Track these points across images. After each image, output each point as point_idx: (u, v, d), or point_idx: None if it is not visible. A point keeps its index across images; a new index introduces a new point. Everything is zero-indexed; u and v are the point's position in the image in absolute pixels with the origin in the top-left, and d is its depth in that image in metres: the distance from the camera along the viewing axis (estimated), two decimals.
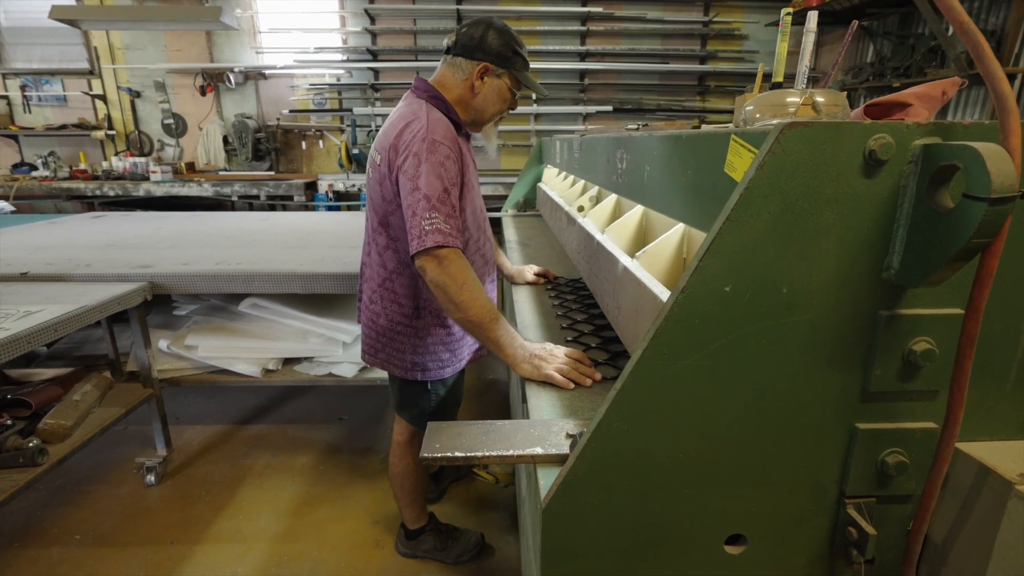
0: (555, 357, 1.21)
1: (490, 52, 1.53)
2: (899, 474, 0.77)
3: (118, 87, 6.25)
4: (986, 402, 0.77)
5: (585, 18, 5.91)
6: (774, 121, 0.77)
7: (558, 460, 0.90)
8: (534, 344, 1.28)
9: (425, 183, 1.37)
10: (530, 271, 1.93)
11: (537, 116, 6.13)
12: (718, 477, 0.79)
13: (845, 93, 0.83)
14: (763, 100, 0.78)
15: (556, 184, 3.08)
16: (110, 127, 6.34)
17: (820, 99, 0.76)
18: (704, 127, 1.10)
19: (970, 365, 0.66)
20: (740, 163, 0.79)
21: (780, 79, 0.91)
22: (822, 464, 0.79)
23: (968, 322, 0.65)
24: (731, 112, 6.05)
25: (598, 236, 1.69)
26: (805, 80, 0.90)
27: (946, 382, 0.71)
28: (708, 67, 6.01)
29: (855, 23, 0.92)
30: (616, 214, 1.87)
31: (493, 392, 3.40)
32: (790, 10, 0.89)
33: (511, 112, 1.68)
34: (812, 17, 0.87)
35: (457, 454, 0.93)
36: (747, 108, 0.80)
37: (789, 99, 0.77)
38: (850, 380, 0.75)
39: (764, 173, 0.66)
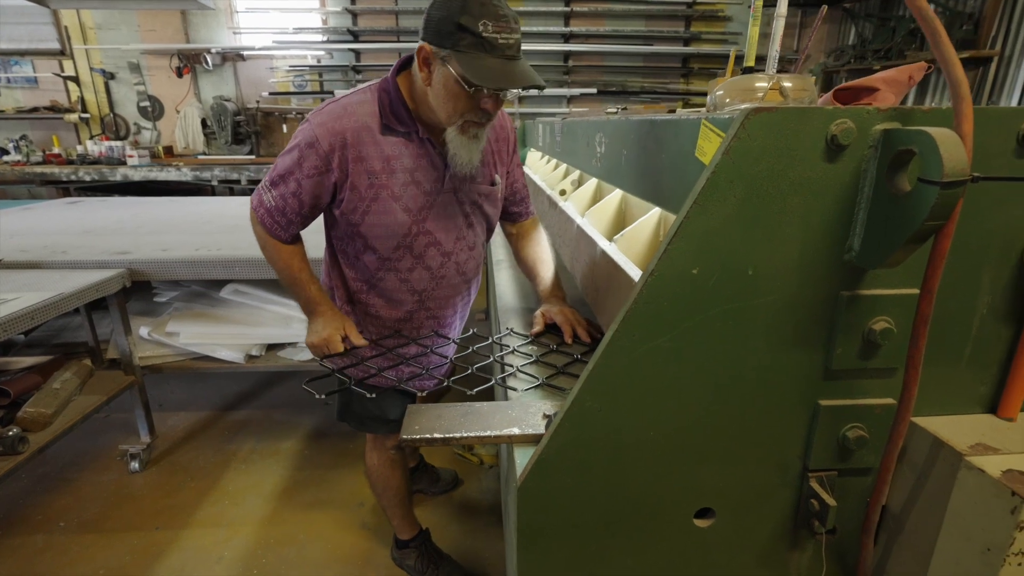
0: (330, 345, 1.35)
1: (429, 28, 1.15)
2: (859, 448, 0.80)
3: (91, 68, 6.08)
4: (942, 378, 0.80)
5: None
6: (743, 106, 0.78)
7: (534, 440, 0.92)
8: (331, 327, 1.38)
9: (280, 158, 1.33)
10: (546, 318, 1.42)
11: (521, 98, 6.08)
12: (687, 454, 0.82)
13: (814, 78, 0.84)
14: (732, 85, 0.80)
15: (539, 167, 3.08)
16: (84, 110, 6.18)
17: (787, 84, 0.77)
18: (681, 111, 1.11)
19: (924, 343, 0.69)
20: (710, 147, 0.81)
21: (752, 63, 0.93)
22: (786, 440, 0.82)
23: (922, 302, 0.67)
24: None
25: (578, 220, 1.71)
26: (775, 64, 0.91)
27: (904, 360, 0.74)
28: (692, 49, 6.00)
29: (824, 8, 0.93)
30: (597, 197, 1.88)
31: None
32: None
33: (486, 111, 1.22)
34: (782, 2, 0.88)
35: (436, 435, 0.94)
36: (717, 92, 0.82)
37: (757, 84, 0.78)
38: (813, 359, 0.78)
39: (730, 158, 0.67)
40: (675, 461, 0.82)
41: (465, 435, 0.94)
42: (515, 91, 1.16)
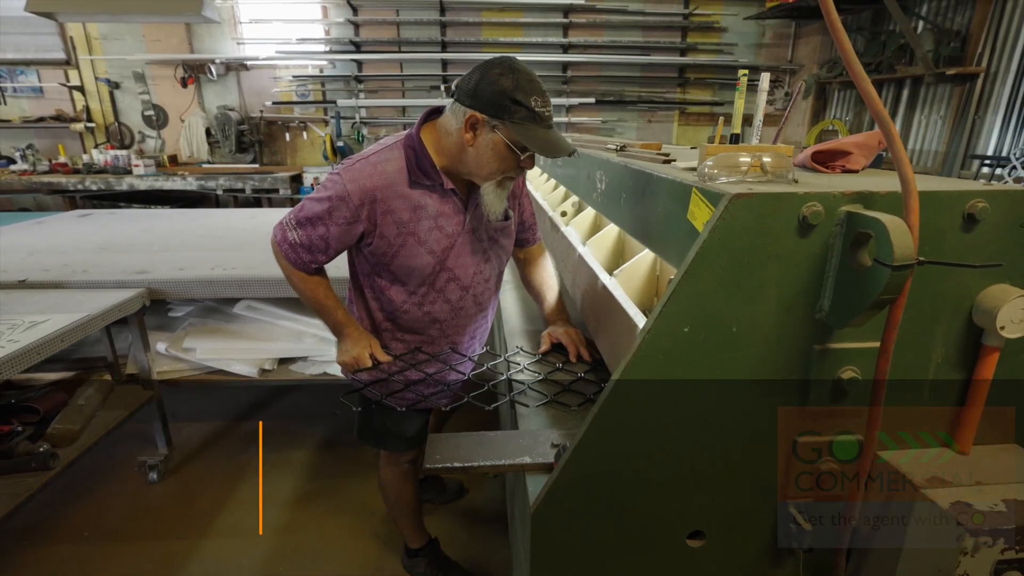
0: (359, 363, 1.48)
1: (481, 99, 1.27)
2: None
3: (96, 78, 6.16)
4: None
5: (567, 10, 5.96)
6: (732, 179, 0.89)
7: (544, 468, 1.03)
8: (359, 347, 1.50)
9: (309, 202, 1.43)
10: (552, 338, 1.64)
11: None
12: (681, 484, 0.93)
13: (792, 149, 0.95)
14: (720, 160, 0.90)
15: (540, 185, 3.18)
16: (89, 119, 6.26)
17: (767, 159, 0.88)
18: (674, 163, 1.22)
19: (883, 393, 0.80)
20: (700, 214, 0.91)
21: (738, 131, 1.03)
22: (768, 470, 0.93)
23: (880, 360, 0.78)
24: (710, 103, 6.17)
25: (580, 248, 1.81)
26: (759, 133, 1.02)
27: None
28: (688, 59, 6.10)
29: (802, 84, 1.04)
30: (597, 225, 1.99)
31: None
32: (746, 72, 1.00)
33: (523, 168, 1.37)
34: (765, 78, 0.99)
35: (456, 464, 1.05)
36: (707, 164, 0.92)
37: (741, 159, 0.89)
38: (790, 401, 0.89)
39: (716, 235, 0.78)
40: (670, 490, 0.93)
41: (482, 464, 1.05)
42: None
